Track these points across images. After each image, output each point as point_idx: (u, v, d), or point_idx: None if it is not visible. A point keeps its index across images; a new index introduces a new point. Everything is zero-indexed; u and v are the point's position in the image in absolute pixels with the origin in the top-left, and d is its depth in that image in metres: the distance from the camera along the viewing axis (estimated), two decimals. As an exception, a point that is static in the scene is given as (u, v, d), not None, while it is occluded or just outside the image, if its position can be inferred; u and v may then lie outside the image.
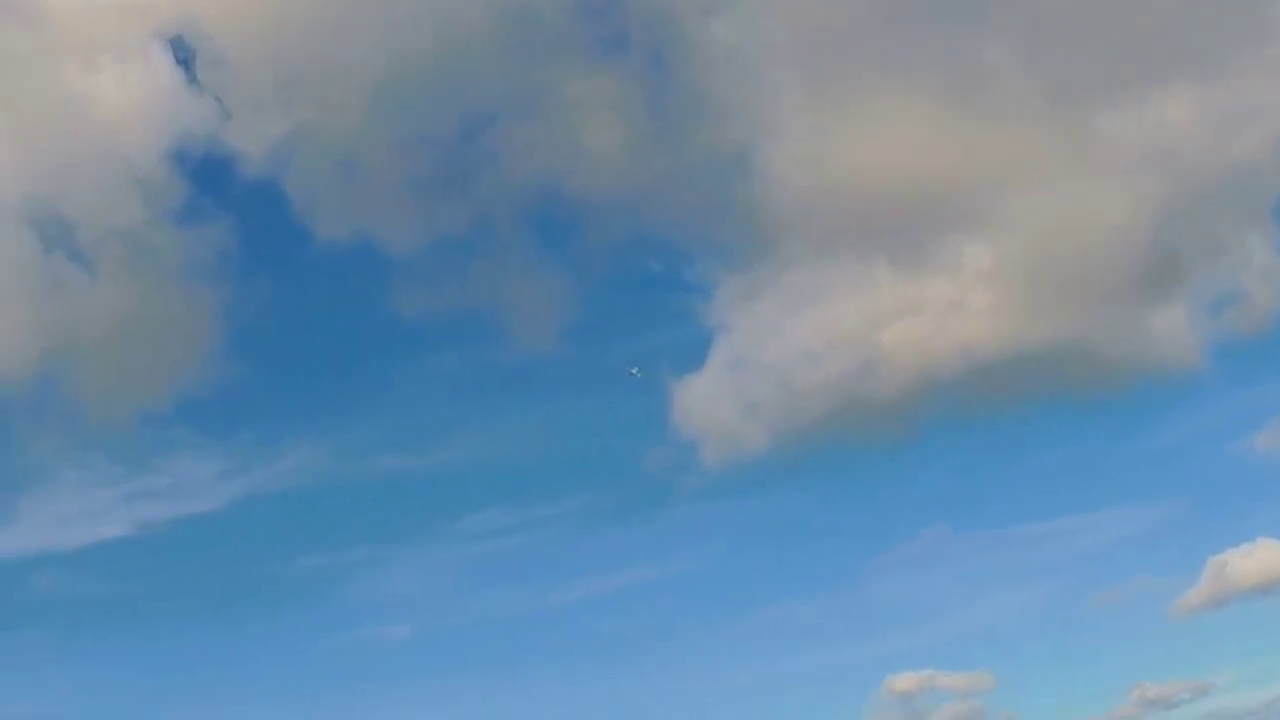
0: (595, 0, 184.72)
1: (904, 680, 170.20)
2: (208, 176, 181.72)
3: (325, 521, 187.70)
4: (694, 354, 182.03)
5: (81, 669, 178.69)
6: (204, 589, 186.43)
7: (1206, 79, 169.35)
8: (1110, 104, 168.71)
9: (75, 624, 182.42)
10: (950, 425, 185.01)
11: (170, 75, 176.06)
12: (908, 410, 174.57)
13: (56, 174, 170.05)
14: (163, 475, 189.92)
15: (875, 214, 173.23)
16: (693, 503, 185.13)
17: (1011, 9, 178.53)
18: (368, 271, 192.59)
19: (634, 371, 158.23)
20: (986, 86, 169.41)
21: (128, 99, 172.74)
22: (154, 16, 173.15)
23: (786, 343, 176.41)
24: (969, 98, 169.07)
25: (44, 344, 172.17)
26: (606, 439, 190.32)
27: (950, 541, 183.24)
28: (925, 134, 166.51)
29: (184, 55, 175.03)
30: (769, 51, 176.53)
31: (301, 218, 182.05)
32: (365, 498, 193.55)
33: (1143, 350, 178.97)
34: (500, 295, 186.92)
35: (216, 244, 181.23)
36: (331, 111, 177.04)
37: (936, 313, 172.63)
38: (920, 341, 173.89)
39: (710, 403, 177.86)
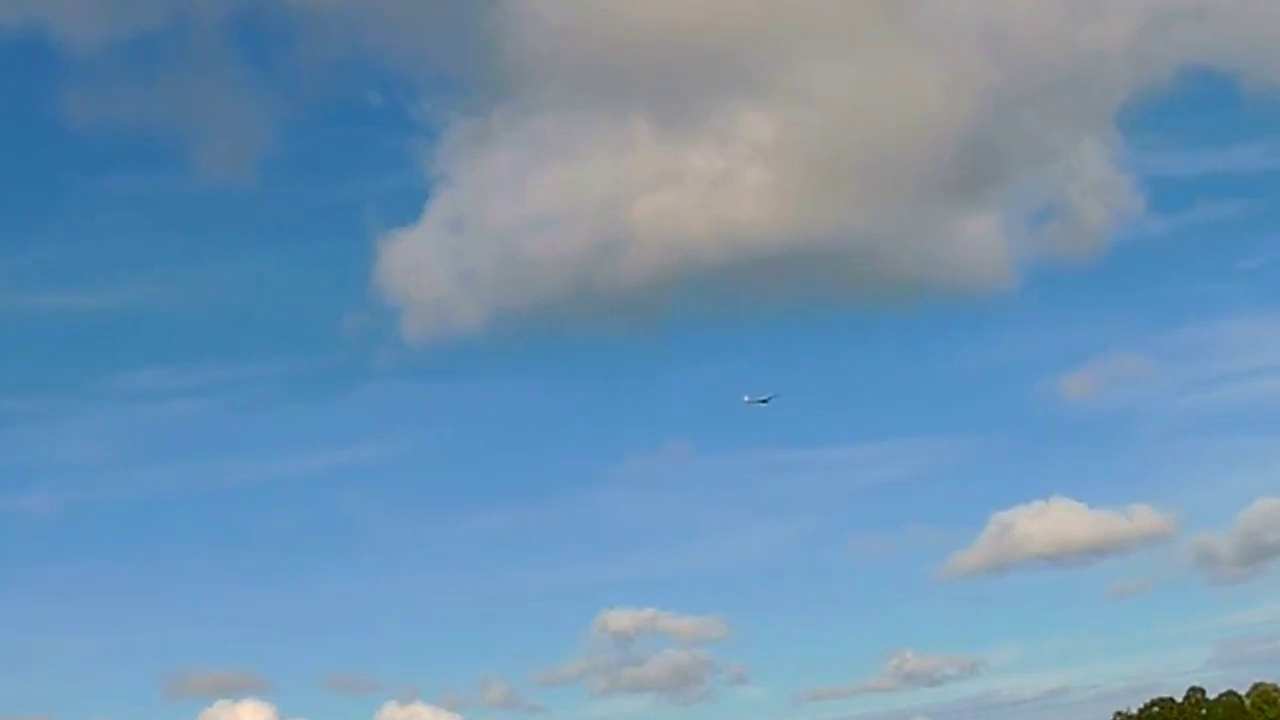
0: None
1: (621, 617, 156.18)
2: None
3: None
4: (408, 206, 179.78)
5: None
6: None
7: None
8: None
9: None
10: (705, 323, 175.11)
11: None
12: (656, 300, 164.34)
13: None
14: None
15: (641, 64, 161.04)
16: (392, 380, 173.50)
17: None
18: (36, 68, 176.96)
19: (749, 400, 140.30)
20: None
21: None
22: None
23: (519, 204, 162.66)
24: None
25: None
26: (297, 295, 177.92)
27: (693, 461, 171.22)
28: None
29: None
30: None
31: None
32: (7, 338, 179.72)
33: (944, 261, 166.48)
34: (191, 113, 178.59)
35: None
36: None
37: (701, 187, 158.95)
38: (678, 219, 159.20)
39: (421, 266, 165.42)
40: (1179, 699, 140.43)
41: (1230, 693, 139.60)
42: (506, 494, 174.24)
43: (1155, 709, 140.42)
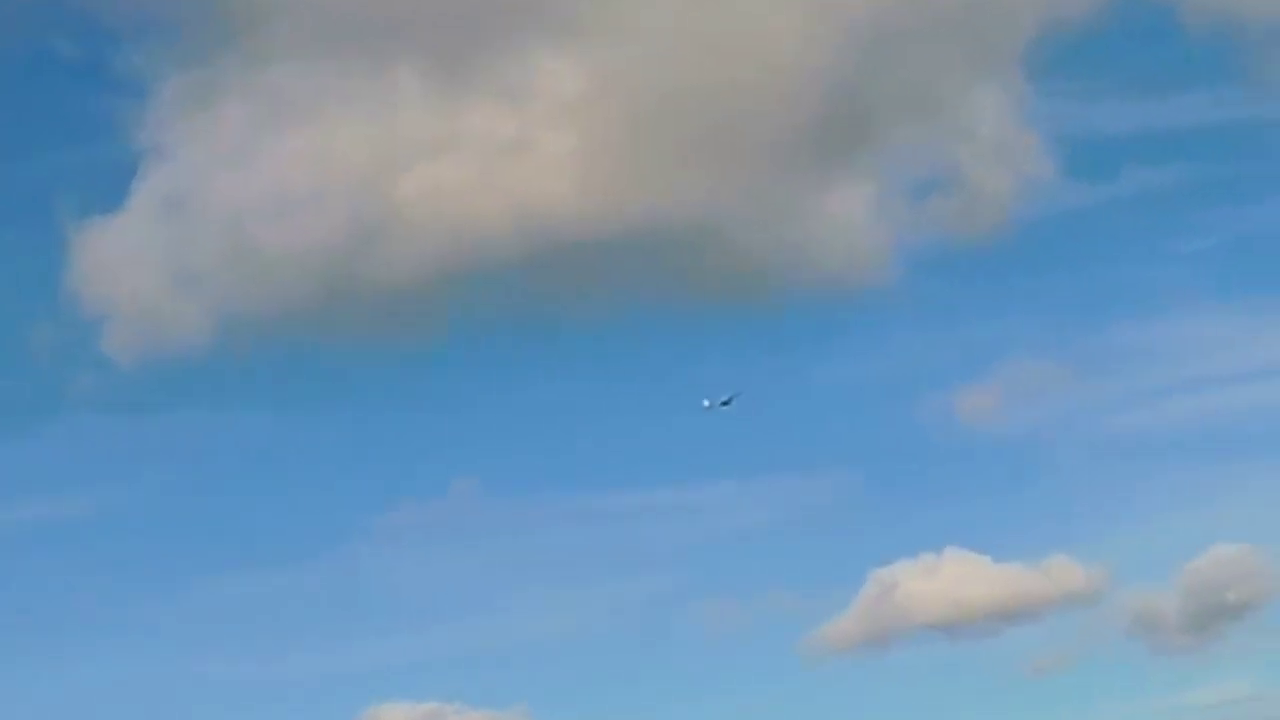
0: None
1: (396, 713, 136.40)
2: None
3: None
4: (110, 186, 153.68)
5: None
6: None
7: None
8: None
9: None
10: (496, 331, 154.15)
11: None
12: (432, 302, 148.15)
13: None
14: None
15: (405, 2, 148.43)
16: (92, 410, 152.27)
17: None
18: None
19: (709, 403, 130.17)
20: None
21: None
22: None
23: (253, 181, 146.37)
24: None
25: None
26: None
27: (485, 507, 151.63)
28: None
29: None
30: None
31: None
32: None
33: (805, 247, 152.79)
34: None
35: None
36: None
37: (487, 157, 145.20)
38: (458, 198, 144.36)
39: (128, 263, 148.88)
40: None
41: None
42: (243, 556, 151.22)
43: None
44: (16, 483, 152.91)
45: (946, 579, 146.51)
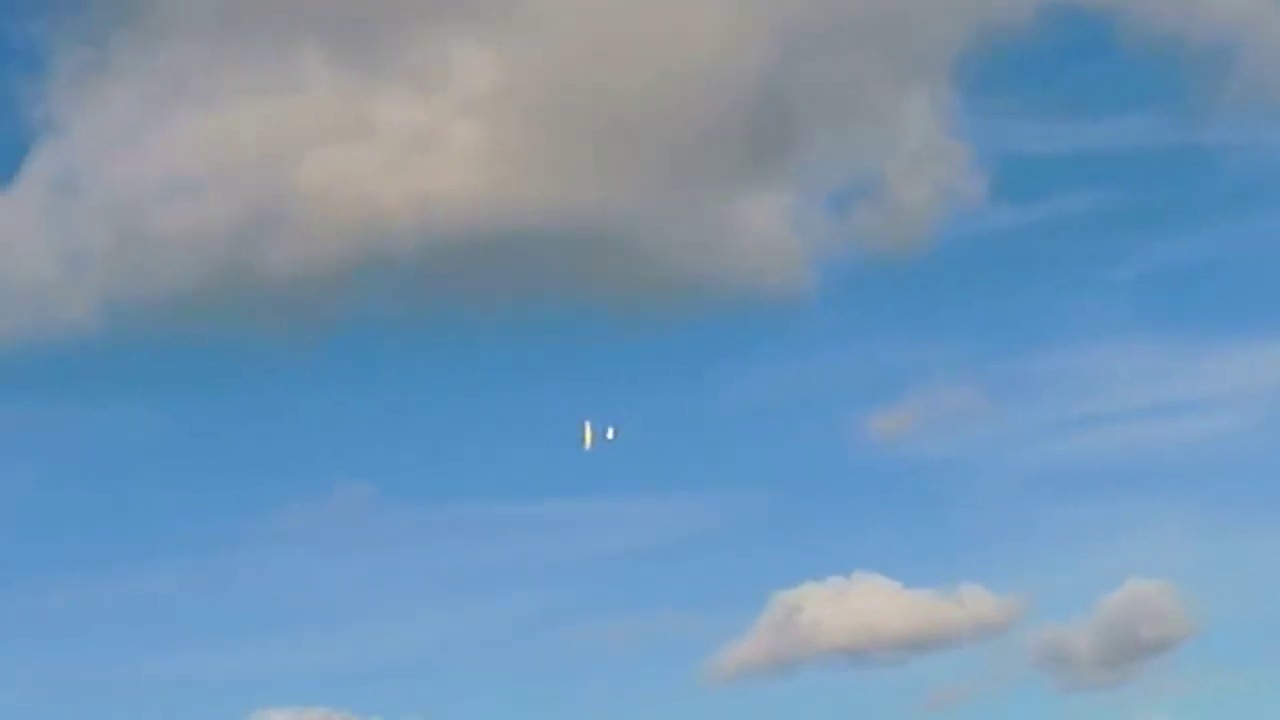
0: None
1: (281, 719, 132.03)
2: None
3: None
4: (1, 160, 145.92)
5: None
6: None
7: None
8: None
9: None
10: (395, 327, 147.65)
11: None
12: (328, 294, 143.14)
13: None
14: None
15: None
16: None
17: None
18: None
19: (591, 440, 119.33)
20: None
21: None
22: None
23: (146, 162, 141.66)
24: None
25: None
26: None
27: (377, 512, 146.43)
28: None
29: None
30: None
31: None
32: None
33: (717, 255, 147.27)
34: None
35: None
36: None
37: (392, 146, 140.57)
38: (360, 187, 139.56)
39: (14, 241, 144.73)
40: None
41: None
42: (117, 557, 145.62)
43: None
44: None
45: (854, 604, 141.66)
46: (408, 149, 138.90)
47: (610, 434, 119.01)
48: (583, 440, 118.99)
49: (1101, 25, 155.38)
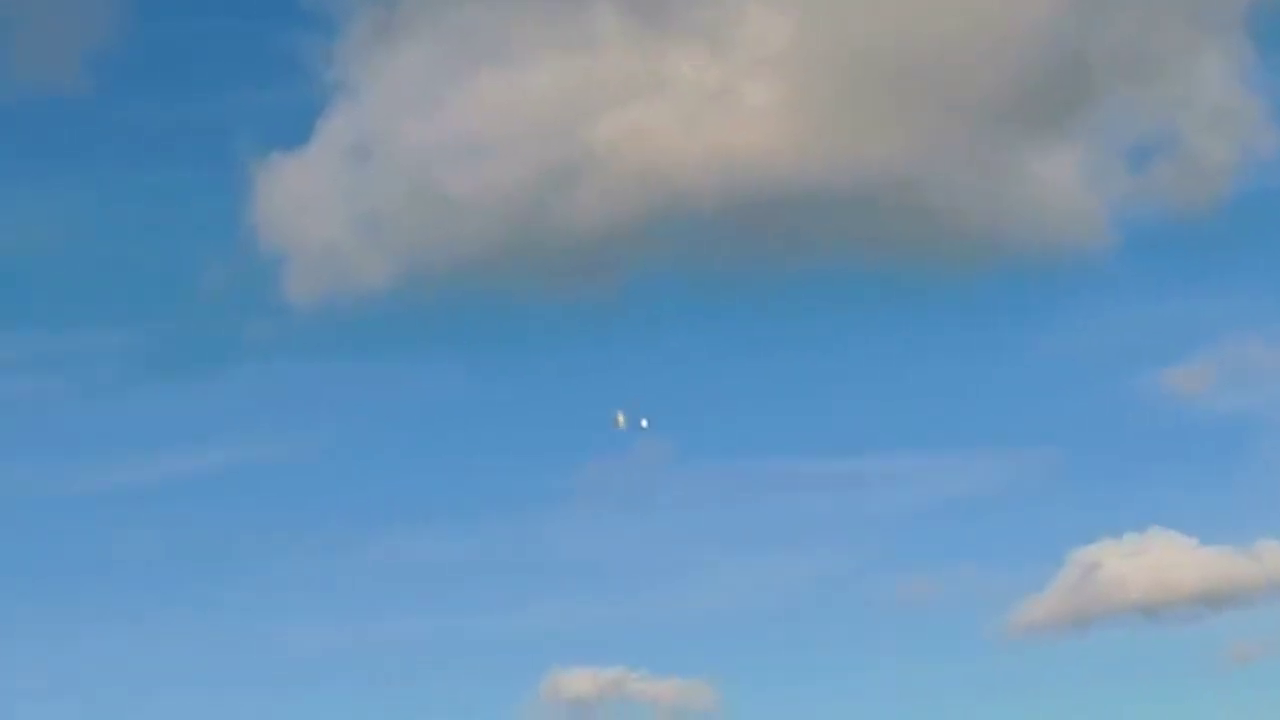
0: None
1: (578, 679, 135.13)
2: None
3: None
4: (293, 124, 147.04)
5: None
6: None
7: None
8: None
9: None
10: (690, 285, 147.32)
11: None
12: (623, 252, 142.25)
13: None
14: None
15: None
16: (269, 356, 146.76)
17: None
18: None
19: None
20: None
21: None
22: None
23: (440, 124, 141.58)
24: None
25: None
26: (143, 242, 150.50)
27: (673, 471, 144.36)
28: None
29: None
30: None
31: None
32: None
33: (1012, 211, 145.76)
34: None
35: None
36: None
37: (687, 103, 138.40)
38: (655, 146, 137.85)
39: (310, 205, 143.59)
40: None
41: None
42: (421, 513, 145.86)
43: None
44: (191, 430, 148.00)
45: (1150, 560, 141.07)
46: (701, 105, 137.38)
47: (644, 424, 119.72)
48: (615, 423, 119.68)
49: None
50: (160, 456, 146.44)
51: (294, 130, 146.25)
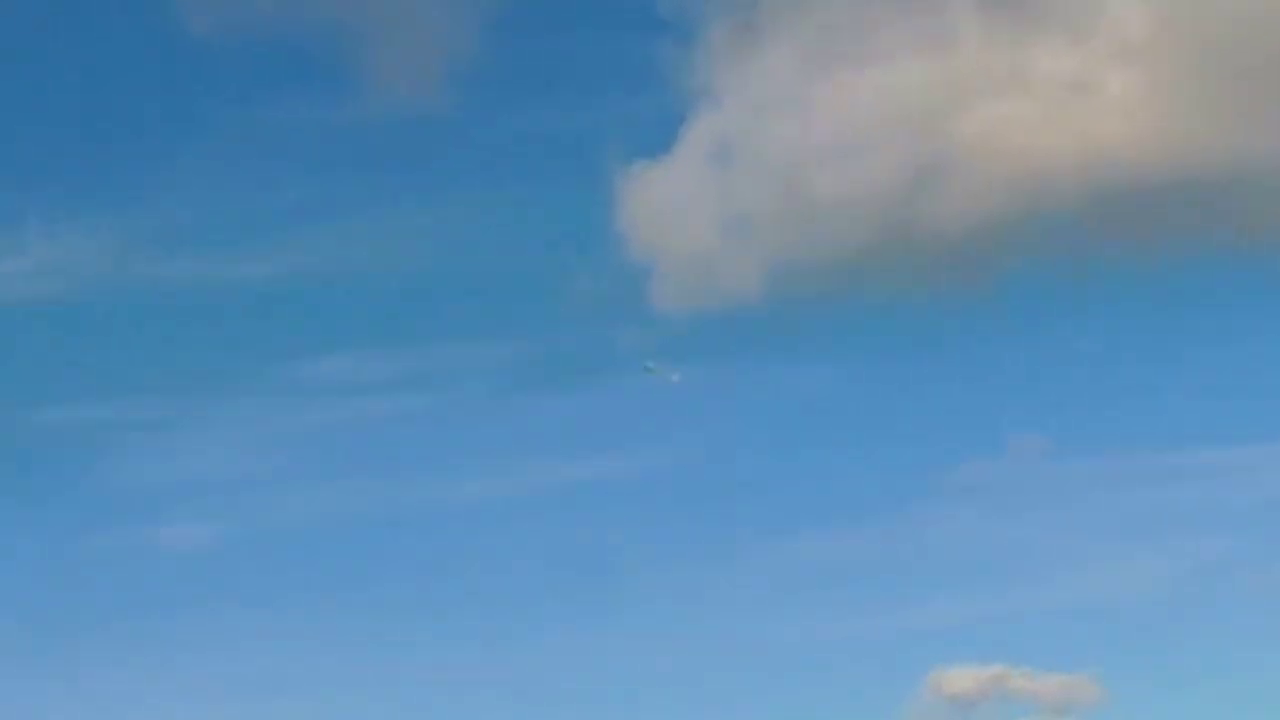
0: None
1: (960, 677, 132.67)
2: None
3: (81, 354, 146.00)
4: (657, 132, 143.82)
5: None
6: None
7: None
8: None
9: None
10: (1060, 280, 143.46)
11: None
12: (992, 249, 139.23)
13: None
14: None
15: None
16: (639, 367, 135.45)
17: None
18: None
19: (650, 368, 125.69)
20: None
21: None
22: None
23: (805, 126, 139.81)
24: None
25: None
26: (511, 253, 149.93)
27: (1050, 465, 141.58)
28: None
29: None
30: None
31: None
32: (144, 322, 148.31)
33: None
34: (356, 17, 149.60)
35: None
36: None
37: (1048, 96, 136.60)
38: (1017, 139, 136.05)
39: (676, 212, 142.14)
40: None
41: None
42: (799, 517, 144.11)
43: None
44: (565, 441, 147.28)
45: None
46: (1065, 98, 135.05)
47: (675, 378, 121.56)
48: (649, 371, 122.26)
49: None
50: (534, 468, 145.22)
51: (657, 138, 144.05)
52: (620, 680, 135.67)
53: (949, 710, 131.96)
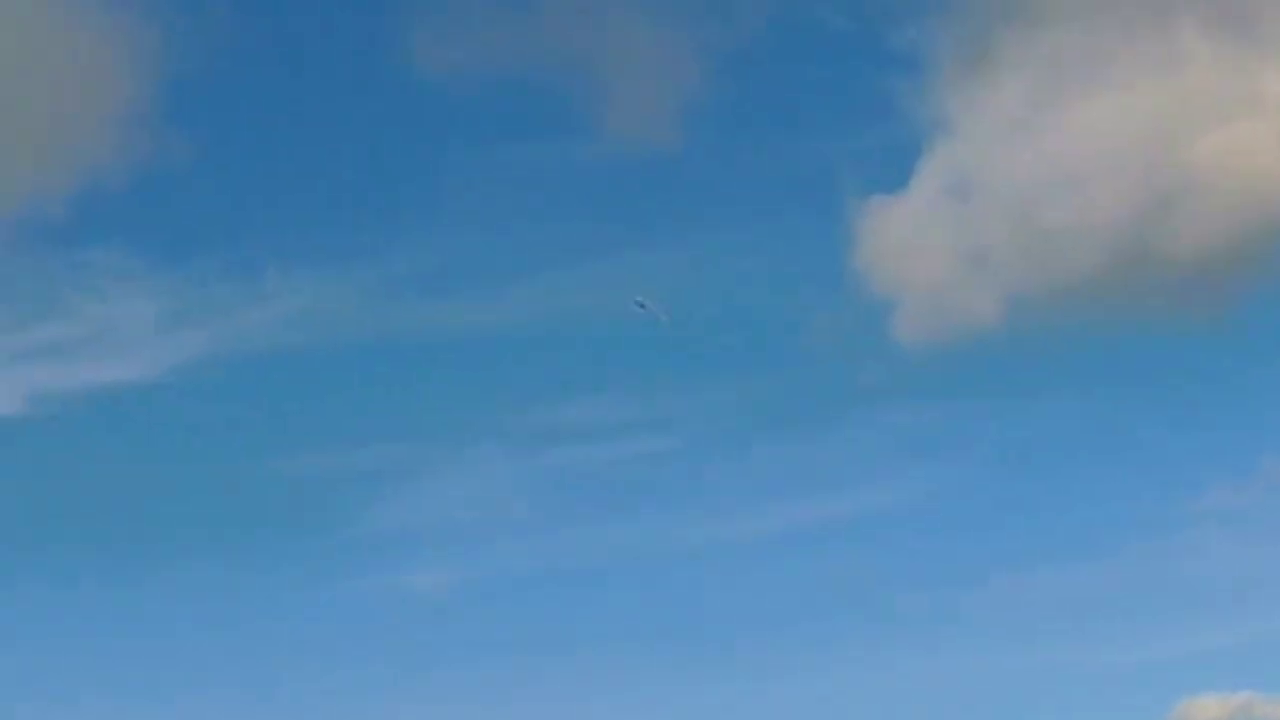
0: None
1: (1209, 706, 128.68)
2: None
3: (323, 403, 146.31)
4: (892, 167, 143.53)
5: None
6: (131, 499, 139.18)
7: None
8: None
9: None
10: None
11: None
12: (1230, 272, 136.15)
13: None
14: (70, 321, 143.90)
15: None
16: (882, 402, 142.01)
17: None
18: (386, 6, 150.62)
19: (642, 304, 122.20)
20: None
21: None
22: None
23: (1039, 155, 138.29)
24: None
25: None
26: (751, 292, 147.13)
27: None
28: None
29: None
30: None
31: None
32: (385, 369, 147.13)
33: None
34: (590, 59, 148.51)
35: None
36: None
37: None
38: (1251, 161, 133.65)
39: (914, 246, 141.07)
40: None
41: None
42: (1044, 548, 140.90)
43: None
44: (811, 479, 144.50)
45: None
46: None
47: (665, 318, 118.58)
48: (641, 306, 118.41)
49: None
50: (781, 506, 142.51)
51: (893, 172, 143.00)
52: (863, 716, 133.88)
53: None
